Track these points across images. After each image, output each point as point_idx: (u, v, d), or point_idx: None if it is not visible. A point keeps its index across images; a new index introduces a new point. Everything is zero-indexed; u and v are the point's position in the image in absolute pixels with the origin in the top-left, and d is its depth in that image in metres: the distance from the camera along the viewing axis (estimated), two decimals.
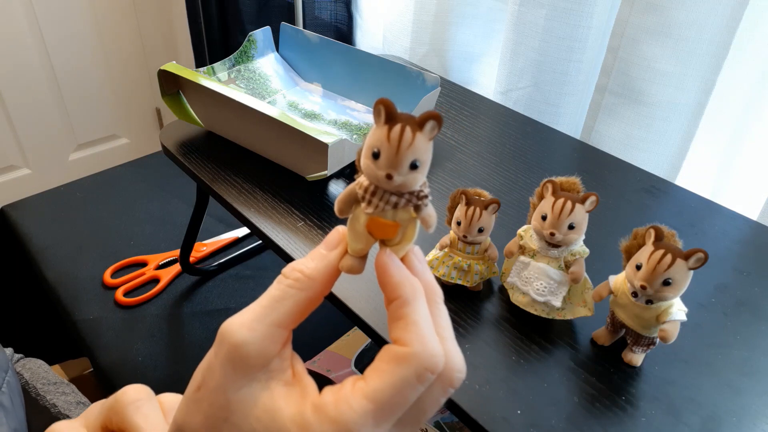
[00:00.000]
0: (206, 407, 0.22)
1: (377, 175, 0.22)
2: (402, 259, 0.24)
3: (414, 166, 0.22)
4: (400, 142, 0.21)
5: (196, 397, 0.23)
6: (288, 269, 0.24)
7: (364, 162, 0.22)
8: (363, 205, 0.23)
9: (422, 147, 0.21)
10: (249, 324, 0.22)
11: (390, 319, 0.23)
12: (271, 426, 0.22)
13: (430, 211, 0.24)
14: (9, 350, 0.60)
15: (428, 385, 0.21)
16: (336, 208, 0.24)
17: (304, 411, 0.21)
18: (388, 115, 0.21)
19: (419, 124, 0.21)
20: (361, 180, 0.23)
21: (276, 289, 0.23)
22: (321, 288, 0.24)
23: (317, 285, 0.24)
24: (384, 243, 0.24)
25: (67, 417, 0.57)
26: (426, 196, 0.23)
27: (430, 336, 0.22)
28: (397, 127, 0.21)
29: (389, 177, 0.22)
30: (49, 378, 0.61)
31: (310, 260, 0.24)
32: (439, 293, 0.24)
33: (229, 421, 0.22)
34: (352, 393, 0.21)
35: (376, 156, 0.22)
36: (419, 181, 0.22)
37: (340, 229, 0.25)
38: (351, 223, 0.24)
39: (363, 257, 0.24)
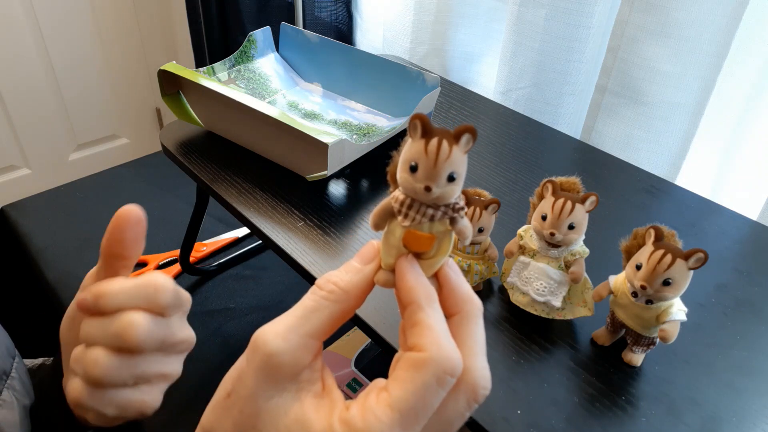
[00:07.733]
0: (236, 414, 0.23)
1: (415, 188, 0.22)
2: (438, 272, 0.25)
3: (451, 179, 0.22)
4: (438, 155, 0.22)
5: (226, 404, 0.23)
6: (322, 281, 0.24)
7: (402, 175, 0.23)
8: (399, 218, 0.23)
9: (459, 160, 0.22)
10: (283, 334, 0.23)
11: (406, 326, 0.23)
12: None
13: (465, 223, 0.24)
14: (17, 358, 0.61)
15: (448, 388, 0.22)
16: (371, 223, 0.25)
17: (333, 424, 0.22)
18: (424, 129, 0.22)
19: (455, 137, 0.22)
20: (396, 194, 0.24)
21: (310, 299, 0.24)
22: (354, 301, 0.24)
23: (351, 298, 0.24)
24: (419, 257, 0.24)
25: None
26: (462, 208, 0.24)
27: (446, 339, 0.22)
28: (435, 141, 0.22)
29: (428, 189, 0.22)
30: None
31: (344, 273, 0.25)
32: (479, 306, 0.25)
33: (257, 429, 0.22)
34: (377, 404, 0.22)
35: (413, 169, 0.22)
36: (456, 193, 0.23)
37: (374, 243, 0.25)
38: (385, 237, 0.25)
39: None
